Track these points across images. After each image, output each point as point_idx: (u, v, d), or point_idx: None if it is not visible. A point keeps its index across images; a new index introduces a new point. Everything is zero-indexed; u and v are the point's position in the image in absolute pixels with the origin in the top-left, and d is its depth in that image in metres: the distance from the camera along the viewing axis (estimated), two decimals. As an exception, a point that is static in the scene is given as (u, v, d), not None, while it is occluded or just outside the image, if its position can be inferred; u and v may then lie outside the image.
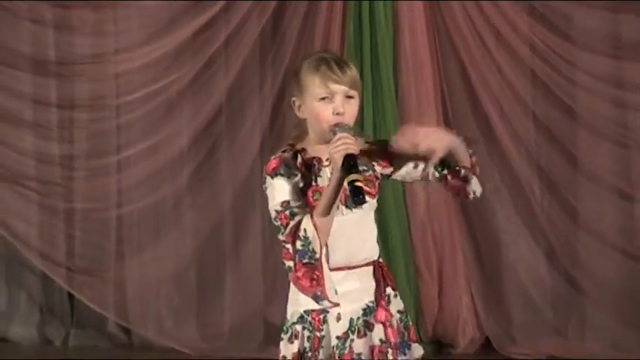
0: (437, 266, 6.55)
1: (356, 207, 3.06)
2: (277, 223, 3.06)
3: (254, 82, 6.68)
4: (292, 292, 3.17)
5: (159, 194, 6.76)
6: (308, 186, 3.09)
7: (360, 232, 3.14)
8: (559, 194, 6.61)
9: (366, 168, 3.14)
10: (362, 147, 3.14)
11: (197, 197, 6.76)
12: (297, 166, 3.10)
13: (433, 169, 3.16)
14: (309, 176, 3.10)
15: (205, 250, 6.73)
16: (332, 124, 3.06)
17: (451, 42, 6.60)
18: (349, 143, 2.98)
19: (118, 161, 6.77)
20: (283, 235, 3.04)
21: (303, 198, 3.08)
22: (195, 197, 6.76)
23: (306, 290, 3.03)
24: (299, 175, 3.09)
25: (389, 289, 3.20)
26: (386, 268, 3.23)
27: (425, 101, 6.55)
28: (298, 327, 3.15)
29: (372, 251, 3.19)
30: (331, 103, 3.08)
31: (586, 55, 6.55)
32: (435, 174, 3.18)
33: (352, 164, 2.96)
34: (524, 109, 6.62)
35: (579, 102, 6.56)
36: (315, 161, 3.13)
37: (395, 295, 3.22)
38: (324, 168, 3.11)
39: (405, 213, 6.47)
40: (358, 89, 3.14)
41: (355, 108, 3.13)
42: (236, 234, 6.70)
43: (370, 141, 3.21)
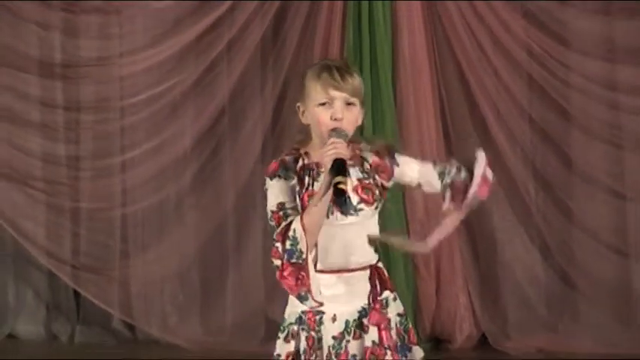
0: (435, 265, 6.59)
1: (342, 209, 3.09)
2: (272, 223, 3.11)
3: (256, 85, 6.71)
4: None
5: (162, 194, 6.79)
6: (305, 189, 3.13)
7: (357, 238, 3.16)
8: (554, 194, 6.65)
9: (366, 176, 3.17)
10: (366, 154, 3.20)
11: (200, 197, 6.78)
12: (295, 170, 3.14)
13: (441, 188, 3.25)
14: (307, 180, 3.13)
15: (208, 249, 6.76)
16: (329, 129, 3.10)
17: (449, 45, 6.64)
18: (339, 148, 3.02)
19: (123, 162, 6.80)
20: (275, 234, 3.08)
21: (299, 200, 3.12)
22: (198, 197, 6.79)
23: (291, 289, 3.06)
24: (296, 178, 3.13)
25: (387, 293, 3.21)
26: (384, 272, 3.24)
27: (423, 103, 6.59)
28: (295, 327, 3.18)
29: (369, 256, 3.21)
30: (330, 109, 3.12)
31: (580, 59, 6.60)
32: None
33: (339, 168, 2.99)
34: (520, 111, 6.66)
35: (574, 104, 6.61)
36: (314, 165, 3.15)
37: (394, 299, 3.23)
38: (323, 173, 3.11)
39: (404, 212, 6.49)
40: (359, 97, 3.16)
41: (355, 114, 3.15)
42: (238, 233, 6.73)
43: (376, 148, 3.24)
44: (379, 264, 3.26)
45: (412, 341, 3.24)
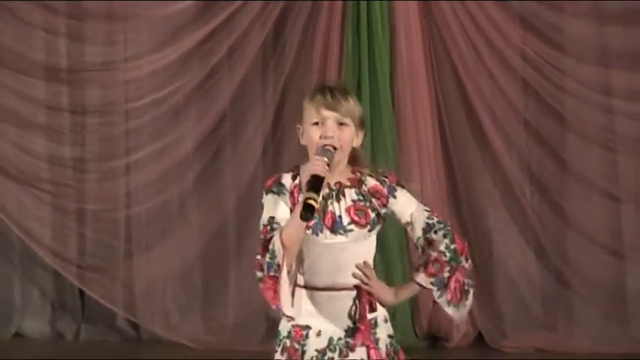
0: (432, 264, 6.67)
1: (306, 221, 3.04)
2: (261, 237, 3.17)
3: (256, 90, 6.77)
4: None
5: (166, 196, 6.83)
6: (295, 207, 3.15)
7: (347, 258, 3.15)
8: (549, 196, 6.72)
9: (362, 198, 3.18)
10: (366, 177, 3.20)
11: (202, 199, 6.82)
12: (289, 187, 3.17)
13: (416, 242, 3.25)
14: (299, 198, 3.12)
15: (210, 249, 6.79)
16: (319, 147, 3.12)
17: (445, 51, 6.70)
18: (319, 165, 3.05)
19: (127, 164, 6.85)
20: (259, 247, 3.12)
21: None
22: (200, 199, 6.82)
23: (271, 302, 3.09)
24: (288, 195, 3.16)
25: (375, 314, 3.19)
26: (374, 295, 3.20)
27: (420, 108, 6.65)
28: (288, 341, 3.20)
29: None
30: (322, 128, 3.14)
31: (575, 64, 6.67)
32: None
33: (314, 184, 3.02)
34: (515, 115, 6.73)
35: (568, 108, 6.67)
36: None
37: (385, 321, 3.23)
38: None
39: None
40: (353, 117, 3.17)
41: (348, 135, 3.16)
42: (239, 234, 6.76)
43: (374, 175, 3.24)
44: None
45: None
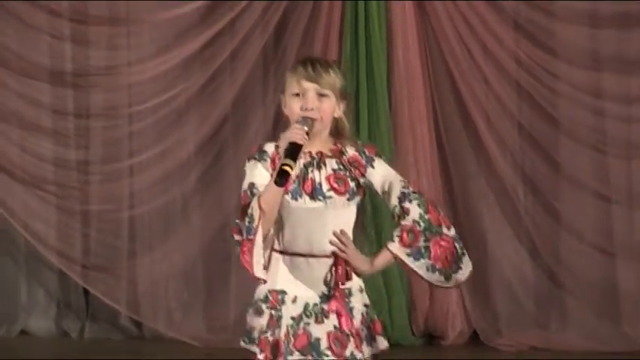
0: (429, 264, 6.75)
1: (281, 187, 3.07)
2: (242, 203, 3.15)
3: (257, 93, 6.83)
4: None
5: (168, 197, 6.89)
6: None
7: (324, 225, 3.18)
8: (542, 197, 6.79)
9: (342, 167, 3.22)
10: (347, 149, 3.24)
11: (204, 199, 6.88)
12: (270, 154, 3.19)
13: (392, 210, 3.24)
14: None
15: (212, 249, 6.83)
16: (299, 117, 3.16)
17: (441, 55, 6.77)
18: (297, 133, 3.09)
19: (131, 166, 6.91)
20: (239, 212, 3.13)
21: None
22: (202, 199, 6.88)
23: (249, 267, 3.09)
24: (269, 161, 3.18)
25: (351, 283, 3.21)
26: (350, 264, 3.21)
27: (416, 110, 6.73)
28: (263, 305, 3.20)
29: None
30: (302, 100, 3.18)
31: (567, 68, 6.76)
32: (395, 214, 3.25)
33: (291, 151, 3.06)
34: (509, 118, 6.81)
35: (561, 111, 6.76)
36: None
37: (360, 290, 3.25)
38: (298, 160, 3.15)
39: None
40: (333, 89, 3.20)
41: (328, 106, 3.20)
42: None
43: (354, 145, 3.27)
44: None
45: (377, 331, 3.26)
